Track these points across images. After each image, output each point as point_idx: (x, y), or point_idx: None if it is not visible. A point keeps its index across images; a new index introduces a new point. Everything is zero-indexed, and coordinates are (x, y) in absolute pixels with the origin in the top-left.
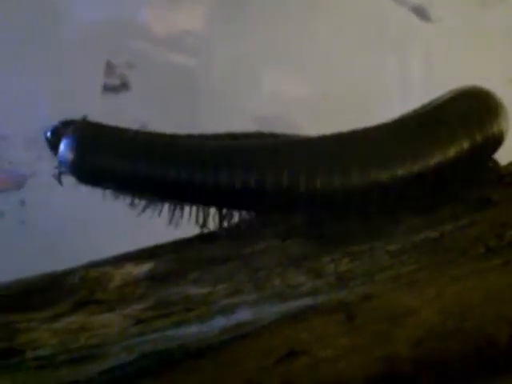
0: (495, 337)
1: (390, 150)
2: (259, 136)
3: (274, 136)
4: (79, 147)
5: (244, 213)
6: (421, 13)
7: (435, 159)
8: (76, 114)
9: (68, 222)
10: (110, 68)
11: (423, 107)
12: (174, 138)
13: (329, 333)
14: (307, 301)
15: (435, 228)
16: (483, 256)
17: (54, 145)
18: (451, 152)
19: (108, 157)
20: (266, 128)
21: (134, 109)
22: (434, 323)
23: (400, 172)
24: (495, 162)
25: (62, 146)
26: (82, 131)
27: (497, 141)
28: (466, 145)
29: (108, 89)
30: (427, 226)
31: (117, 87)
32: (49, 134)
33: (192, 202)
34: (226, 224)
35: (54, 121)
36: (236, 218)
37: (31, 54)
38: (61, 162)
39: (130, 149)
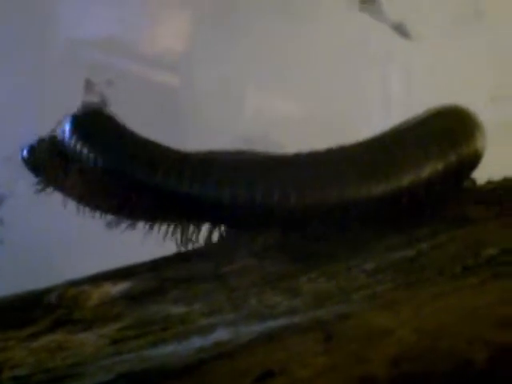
0: (472, 356)
1: (363, 169)
2: (239, 154)
3: (253, 154)
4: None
5: (221, 231)
6: (401, 31)
7: (408, 179)
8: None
9: (46, 240)
10: (89, 86)
11: (399, 126)
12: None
13: (306, 352)
14: (284, 320)
15: (412, 246)
16: (460, 275)
17: (30, 164)
18: (425, 172)
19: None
20: (251, 146)
21: None
22: (411, 343)
23: (373, 191)
24: (472, 181)
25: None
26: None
27: (472, 161)
28: (439, 165)
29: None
30: (404, 244)
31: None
32: (25, 152)
33: (163, 211)
34: (203, 242)
35: (32, 138)
36: (213, 236)
37: (10, 71)
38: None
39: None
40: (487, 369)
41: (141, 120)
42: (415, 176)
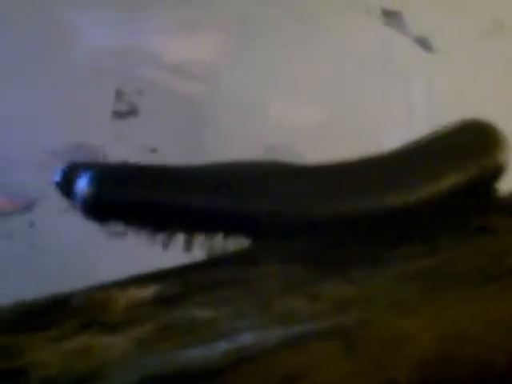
0: (493, 362)
1: (382, 181)
2: (262, 164)
3: (276, 164)
4: (98, 182)
5: (244, 238)
6: (424, 43)
7: (427, 191)
8: (86, 139)
9: (78, 244)
10: (119, 95)
11: (421, 139)
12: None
13: (328, 358)
14: (307, 325)
15: (434, 255)
16: (482, 283)
17: (63, 188)
18: (444, 185)
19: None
20: (274, 155)
21: (142, 135)
22: (432, 349)
23: (391, 202)
24: (495, 191)
25: (81, 183)
26: (99, 169)
27: (495, 174)
28: (460, 178)
29: (117, 115)
30: (425, 252)
31: (126, 113)
32: (58, 177)
33: (194, 226)
34: (228, 249)
35: (64, 146)
36: (238, 243)
37: (42, 78)
38: (79, 201)
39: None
40: (507, 372)
41: (170, 128)
42: (435, 188)
